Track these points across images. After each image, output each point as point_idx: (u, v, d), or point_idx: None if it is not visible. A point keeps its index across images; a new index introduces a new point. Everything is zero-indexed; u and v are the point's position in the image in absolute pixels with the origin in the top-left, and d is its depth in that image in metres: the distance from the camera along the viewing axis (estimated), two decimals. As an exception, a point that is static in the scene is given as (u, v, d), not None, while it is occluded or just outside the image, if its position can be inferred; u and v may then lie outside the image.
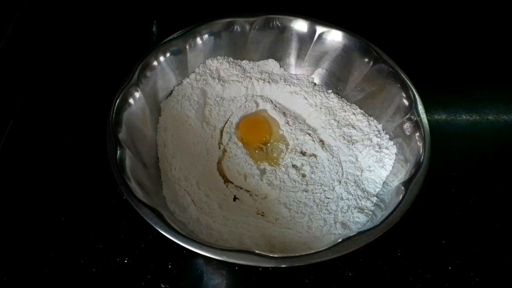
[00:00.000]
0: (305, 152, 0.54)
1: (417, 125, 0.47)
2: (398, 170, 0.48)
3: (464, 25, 0.76)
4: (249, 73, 0.58)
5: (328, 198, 0.49)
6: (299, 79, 0.59)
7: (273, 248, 0.44)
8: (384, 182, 0.49)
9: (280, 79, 0.58)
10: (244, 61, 0.59)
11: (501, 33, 0.75)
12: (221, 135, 0.54)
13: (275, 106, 0.58)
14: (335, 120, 0.55)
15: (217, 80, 0.57)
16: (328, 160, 0.52)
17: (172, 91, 0.55)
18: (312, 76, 0.59)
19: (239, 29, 0.56)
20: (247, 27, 0.56)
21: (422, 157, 0.44)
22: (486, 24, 0.77)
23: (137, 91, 0.49)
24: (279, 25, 0.56)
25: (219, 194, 0.49)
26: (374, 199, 0.48)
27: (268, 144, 0.55)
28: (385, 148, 0.51)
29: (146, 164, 0.48)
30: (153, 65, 0.52)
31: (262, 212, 0.48)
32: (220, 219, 0.46)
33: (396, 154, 0.50)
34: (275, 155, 0.54)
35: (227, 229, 0.45)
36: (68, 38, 0.66)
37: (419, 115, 0.48)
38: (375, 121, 0.54)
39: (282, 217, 0.47)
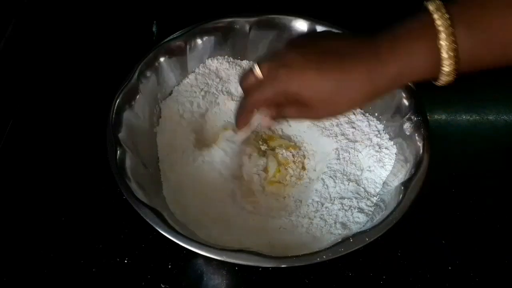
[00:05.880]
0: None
1: (417, 125, 0.47)
2: (398, 170, 0.48)
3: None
4: (249, 73, 0.58)
5: (328, 197, 0.49)
6: (299, 79, 0.59)
7: (273, 248, 0.44)
8: (384, 182, 0.49)
9: (280, 79, 0.58)
10: (244, 61, 0.59)
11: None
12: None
13: None
14: (335, 119, 0.55)
15: (217, 80, 0.57)
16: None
17: (172, 91, 0.55)
18: (312, 76, 0.59)
19: (239, 29, 0.56)
20: (247, 27, 0.56)
21: (422, 157, 0.45)
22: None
23: (137, 91, 0.49)
24: (279, 25, 0.56)
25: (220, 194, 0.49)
26: (374, 199, 0.48)
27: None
28: (385, 148, 0.51)
29: (146, 164, 0.48)
30: (153, 65, 0.51)
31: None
32: (220, 219, 0.46)
33: (396, 154, 0.50)
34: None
35: (227, 229, 0.45)
36: (68, 38, 0.66)
37: (419, 115, 0.48)
38: (375, 121, 0.54)
39: (285, 217, 0.47)
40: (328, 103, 0.36)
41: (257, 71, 0.38)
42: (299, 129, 0.55)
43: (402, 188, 0.42)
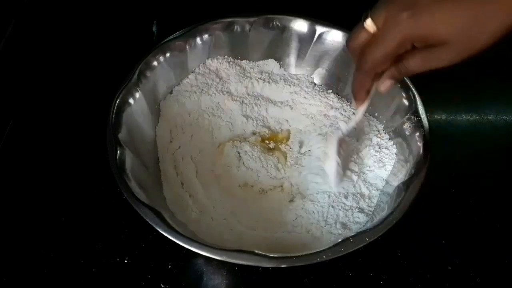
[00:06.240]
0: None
1: (417, 125, 0.47)
2: (398, 170, 0.48)
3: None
4: (249, 73, 0.58)
5: (328, 198, 0.49)
6: (299, 79, 0.59)
7: (273, 248, 0.44)
8: (384, 182, 0.49)
9: (280, 79, 0.58)
10: (244, 61, 0.59)
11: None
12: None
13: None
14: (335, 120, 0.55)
15: (217, 80, 0.57)
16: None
17: (172, 91, 0.55)
18: (312, 76, 0.59)
19: (239, 29, 0.56)
20: (247, 27, 0.56)
21: (422, 157, 0.45)
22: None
23: (137, 91, 0.49)
24: (279, 25, 0.56)
25: (220, 194, 0.49)
26: (374, 199, 0.48)
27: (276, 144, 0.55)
28: (385, 148, 0.51)
29: (146, 164, 0.48)
30: (153, 65, 0.52)
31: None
32: (220, 220, 0.46)
33: (396, 154, 0.50)
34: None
35: (227, 229, 0.45)
36: (68, 38, 0.66)
37: (419, 115, 0.48)
38: (375, 121, 0.54)
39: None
40: (466, 37, 0.32)
41: (370, 24, 0.33)
42: (299, 128, 0.55)
43: (402, 188, 0.42)
